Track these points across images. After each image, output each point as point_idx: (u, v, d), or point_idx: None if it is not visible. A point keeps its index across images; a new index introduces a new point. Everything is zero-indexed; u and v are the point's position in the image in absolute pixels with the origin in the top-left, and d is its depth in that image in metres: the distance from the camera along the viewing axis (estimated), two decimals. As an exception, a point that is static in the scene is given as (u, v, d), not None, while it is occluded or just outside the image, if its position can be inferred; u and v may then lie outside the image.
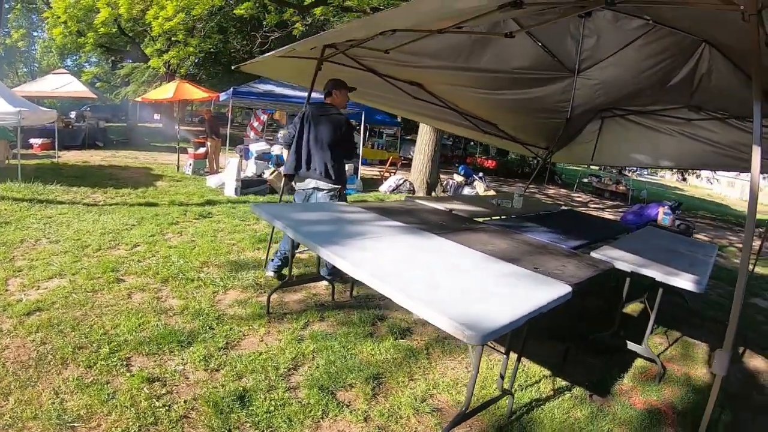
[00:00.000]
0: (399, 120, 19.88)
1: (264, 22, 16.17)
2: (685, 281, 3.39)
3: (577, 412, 3.22)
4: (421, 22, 3.58)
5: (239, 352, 3.25)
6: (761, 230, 18.46)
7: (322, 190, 4.57)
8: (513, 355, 3.00)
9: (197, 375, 2.94)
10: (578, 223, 5.78)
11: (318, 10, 13.31)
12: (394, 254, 2.79)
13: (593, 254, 3.72)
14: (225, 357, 3.16)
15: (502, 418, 3.00)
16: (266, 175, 10.38)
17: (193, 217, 6.91)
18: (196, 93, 12.90)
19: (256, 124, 17.18)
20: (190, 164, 11.79)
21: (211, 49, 21.56)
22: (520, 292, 2.41)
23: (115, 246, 5.23)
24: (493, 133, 7.07)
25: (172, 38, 16.39)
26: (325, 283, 4.60)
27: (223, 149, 13.23)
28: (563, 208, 7.48)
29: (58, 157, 11.70)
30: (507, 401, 3.01)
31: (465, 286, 2.39)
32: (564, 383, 3.56)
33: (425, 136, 12.51)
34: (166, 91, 12.96)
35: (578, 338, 4.14)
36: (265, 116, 17.97)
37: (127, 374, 2.84)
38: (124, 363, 2.96)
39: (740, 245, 13.74)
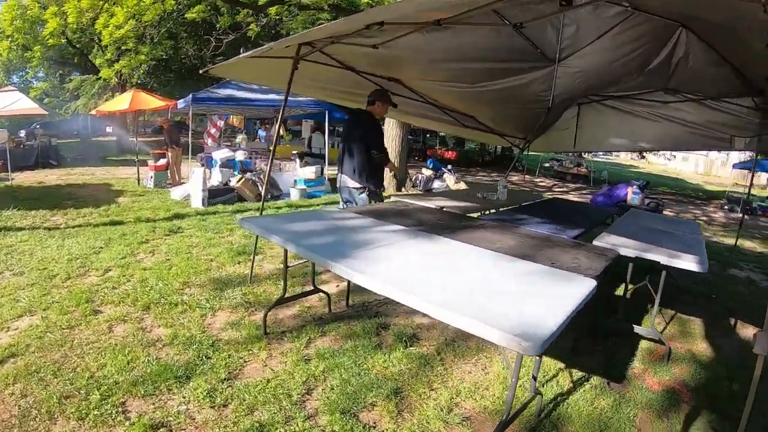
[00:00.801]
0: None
1: (217, 25, 15.66)
2: (688, 263, 3.40)
3: (600, 401, 3.18)
4: (411, 15, 3.43)
5: (245, 382, 2.99)
6: (722, 202, 19.46)
7: (353, 188, 5.00)
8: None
9: (204, 414, 2.67)
10: (566, 211, 5.81)
11: (273, 10, 12.95)
12: (409, 262, 2.63)
13: (595, 242, 3.67)
14: (230, 389, 2.90)
15: (532, 418, 2.91)
16: (233, 182, 10.04)
17: (163, 233, 6.53)
18: (152, 102, 12.35)
19: (213, 130, 16.65)
20: (152, 177, 11.27)
21: (163, 56, 20.83)
22: (551, 291, 2.31)
23: (85, 273, 4.85)
24: (472, 126, 7.00)
25: (122, 47, 15.70)
26: (317, 294, 4.38)
27: (184, 159, 12.74)
28: (548, 196, 7.46)
29: (12, 179, 10.99)
30: (536, 400, 2.92)
31: (495, 290, 2.26)
32: (579, 374, 3.50)
33: (392, 131, 12.33)
34: (121, 102, 12.32)
35: (584, 327, 4.09)
36: (222, 122, 17.46)
37: (126, 423, 2.54)
38: (120, 410, 2.65)
39: (704, 218, 14.45)
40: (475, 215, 4.86)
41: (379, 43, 4.12)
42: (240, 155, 11.83)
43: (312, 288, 4.10)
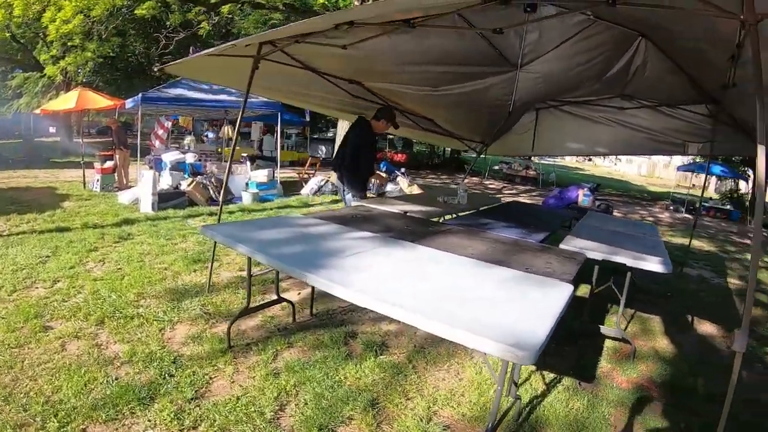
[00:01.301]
0: (307, 118, 19.47)
1: (167, 23, 15.15)
2: (653, 264, 3.51)
3: (575, 402, 3.21)
4: (384, 14, 3.36)
5: (213, 401, 2.81)
6: (667, 202, 20.37)
7: (344, 190, 5.50)
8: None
9: (173, 438, 2.50)
10: (527, 215, 5.89)
11: (226, 8, 12.66)
12: (387, 271, 2.55)
13: (562, 246, 3.71)
14: (199, 409, 2.71)
15: (512, 423, 2.90)
16: (183, 186, 9.69)
17: (112, 240, 6.18)
18: (100, 101, 11.74)
19: (160, 131, 16.04)
20: (98, 180, 10.67)
21: (110, 54, 19.97)
22: (533, 297, 2.31)
23: (32, 285, 4.49)
24: (431, 129, 6.97)
25: (69, 43, 14.97)
26: (281, 303, 4.24)
27: (132, 161, 12.22)
28: (501, 199, 7.55)
29: (-51, 183, 10.28)
30: (515, 405, 2.92)
31: (479, 298, 2.23)
32: (551, 376, 3.53)
33: (344, 134, 12.20)
34: (67, 101, 11.64)
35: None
36: (169, 123, 16.87)
37: (89, 452, 2.35)
38: (81, 437, 2.44)
39: (651, 218, 15.04)
40: (438, 220, 4.82)
41: (348, 43, 4.02)
42: (190, 158, 11.45)
43: (276, 297, 3.94)
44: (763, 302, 6.33)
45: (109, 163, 11.06)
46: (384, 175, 6.46)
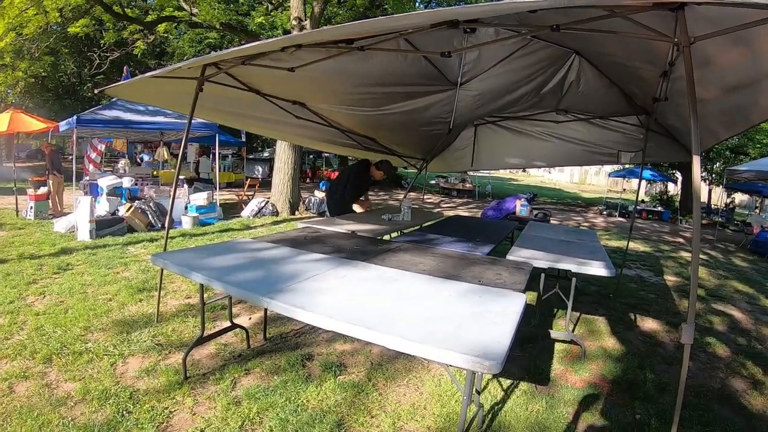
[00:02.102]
0: (243, 139, 19.23)
1: (102, 41, 14.65)
2: (597, 269, 3.73)
3: (534, 405, 3.34)
4: (333, 38, 3.43)
5: (176, 436, 2.75)
6: (601, 207, 21.36)
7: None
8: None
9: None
10: (470, 228, 6.02)
11: (162, 27, 12.37)
12: (345, 293, 2.57)
13: (509, 257, 3.86)
14: (162, 446, 2.65)
15: (476, 430, 2.98)
16: (121, 212, 9.35)
17: (51, 271, 5.89)
18: (33, 124, 11.16)
19: (93, 155, 15.42)
20: (32, 207, 10.10)
21: (42, 74, 19.06)
22: (490, 308, 2.38)
23: (-32, 323, 4.25)
24: (373, 148, 7.06)
25: (-1, 62, 14.24)
26: (234, 330, 4.16)
27: (67, 187, 11.67)
28: (437, 213, 7.71)
29: None
30: (479, 413, 2.99)
31: (438, 313, 2.29)
32: (508, 381, 3.65)
33: (284, 154, 12.16)
34: (-2, 124, 11.06)
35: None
36: (103, 146, 16.25)
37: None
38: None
39: (587, 224, 15.72)
40: (386, 237, 4.90)
41: (296, 66, 4.05)
42: (127, 182, 11.05)
43: (229, 324, 3.87)
44: (701, 296, 6.75)
45: (42, 189, 10.52)
46: (364, 202, 6.68)
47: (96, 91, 4.77)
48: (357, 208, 6.37)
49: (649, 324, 5.31)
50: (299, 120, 5.60)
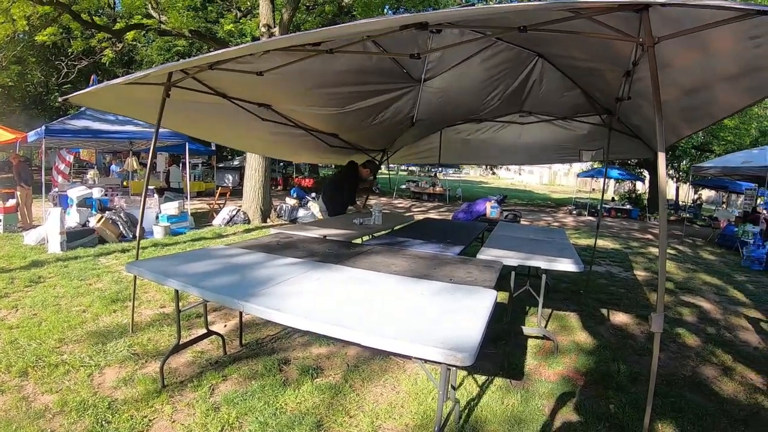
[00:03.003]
0: (213, 147, 19.08)
1: (69, 50, 14.40)
2: (566, 265, 3.85)
3: (509, 399, 3.43)
4: (306, 41, 3.48)
5: (155, 443, 2.75)
6: (570, 207, 21.76)
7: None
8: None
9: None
10: (441, 230, 6.14)
11: (131, 35, 12.23)
12: (320, 294, 2.63)
13: (480, 256, 3.97)
14: (142, 454, 2.64)
15: (454, 426, 3.04)
16: (92, 223, 9.20)
17: (23, 284, 5.78)
18: (1, 134, 10.96)
19: (62, 166, 15.12)
20: (0, 220, 9.94)
21: (9, 83, 18.62)
22: (462, 305, 2.46)
23: (-61, 340, 4.15)
24: (337, 145, 7.17)
25: (-36, 71, 13.89)
26: (210, 337, 4.16)
27: (36, 198, 11.41)
28: (418, 218, 7.80)
29: None
30: (455, 409, 3.04)
31: (412, 311, 2.36)
32: (483, 378, 3.72)
33: (254, 161, 12.12)
34: (-34, 135, 10.80)
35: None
36: (71, 156, 15.95)
37: None
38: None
39: (557, 223, 15.99)
40: (358, 241, 4.96)
41: (265, 70, 4.09)
42: (97, 192, 10.87)
43: (205, 331, 3.88)
44: (670, 289, 6.96)
45: (11, 201, 10.29)
46: (359, 204, 7.01)
47: (60, 100, 4.71)
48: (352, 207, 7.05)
49: (619, 318, 5.47)
50: (265, 122, 5.66)
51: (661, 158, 2.36)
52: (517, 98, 6.02)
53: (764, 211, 14.76)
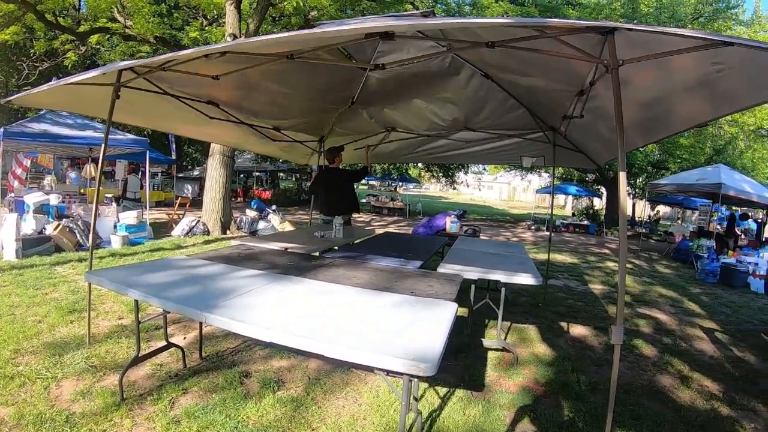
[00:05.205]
0: (173, 156, 18.81)
1: (31, 51, 14.00)
2: (525, 278, 3.98)
3: (471, 410, 3.48)
4: (269, 46, 3.51)
5: (114, 457, 2.69)
6: (529, 223, 22.22)
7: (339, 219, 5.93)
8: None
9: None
10: (401, 244, 6.25)
11: (94, 38, 11.99)
12: (281, 306, 2.64)
13: (440, 270, 4.07)
14: (100, 468, 2.58)
15: (416, 437, 3.07)
16: (49, 230, 8.95)
17: (-25, 293, 5.61)
18: None
19: (19, 171, 14.62)
20: (-47, 225, 9.56)
21: None
22: (423, 317, 2.52)
23: None
24: (278, 139, 7.29)
25: None
26: (169, 349, 4.10)
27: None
28: (379, 232, 7.86)
29: None
30: (417, 420, 3.06)
31: (374, 322, 2.40)
32: (444, 390, 3.77)
33: (215, 172, 12.02)
34: None
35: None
36: (28, 161, 15.44)
37: None
38: None
39: (516, 239, 16.30)
40: (317, 254, 4.98)
41: (221, 74, 4.10)
42: (54, 199, 10.56)
43: (165, 343, 3.82)
44: (627, 301, 7.18)
45: (-36, 207, 9.94)
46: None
47: (3, 102, 4.59)
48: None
49: (578, 330, 5.62)
50: (212, 119, 5.76)
51: (622, 177, 2.47)
52: (463, 118, 6.41)
53: (718, 227, 15.39)
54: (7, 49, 16.57)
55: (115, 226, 10.10)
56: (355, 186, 7.04)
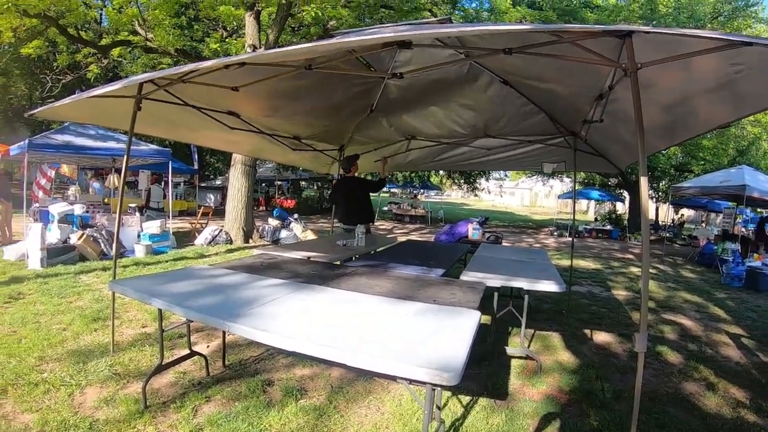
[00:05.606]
0: (196, 166, 19.02)
1: (55, 64, 14.30)
2: (548, 285, 3.92)
3: (494, 418, 3.44)
4: (288, 56, 3.53)
5: (137, 464, 2.71)
6: (551, 228, 22.01)
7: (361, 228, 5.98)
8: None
9: None
10: (423, 251, 6.22)
11: (116, 51, 12.21)
12: (305, 315, 2.64)
13: (463, 278, 4.02)
14: (125, 478, 2.60)
15: (439, 448, 3.03)
16: (73, 240, 9.10)
17: (1, 301, 5.68)
18: None
19: (43, 181, 14.93)
20: (-21, 234, 9.81)
21: None
22: (446, 325, 2.49)
23: None
24: (299, 149, 7.33)
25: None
26: (193, 357, 4.13)
27: (16, 213, 11.23)
28: (400, 240, 7.85)
29: None
30: (440, 430, 3.04)
31: (397, 331, 2.39)
32: (467, 398, 3.74)
33: (237, 182, 12.12)
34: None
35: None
36: (53, 172, 15.75)
37: None
38: None
39: (538, 245, 16.15)
40: (338, 263, 4.96)
41: (240, 85, 4.13)
42: (78, 209, 10.75)
43: (188, 351, 3.85)
44: (651, 308, 7.06)
45: (-10, 215, 10.18)
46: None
47: (26, 115, 4.68)
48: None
49: (602, 337, 5.54)
50: (233, 130, 5.80)
51: (644, 182, 2.42)
52: (482, 125, 6.36)
53: (743, 230, 15.07)
54: (31, 62, 16.94)
55: (138, 236, 10.23)
56: (371, 195, 7.06)
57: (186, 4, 13.64)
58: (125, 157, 4.68)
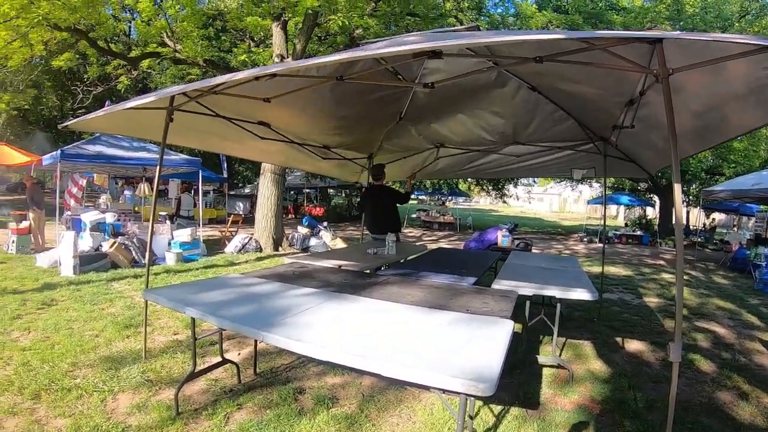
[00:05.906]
0: (225, 175, 19.27)
1: (85, 76, 14.68)
2: (580, 293, 3.85)
3: (526, 428, 3.39)
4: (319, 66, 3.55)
5: (171, 472, 2.74)
6: (581, 234, 21.72)
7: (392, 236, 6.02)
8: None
9: None
10: (454, 260, 6.18)
11: (146, 63, 12.47)
12: (337, 325, 2.64)
13: (495, 286, 4.00)
14: (159, 484, 2.62)
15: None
16: (105, 247, 9.28)
17: (35, 307, 5.84)
18: (16, 157, 11.06)
19: (75, 190, 15.26)
20: (14, 241, 10.00)
21: (25, 106, 18.95)
22: (480, 335, 2.47)
23: (-48, 360, 4.17)
24: (328, 158, 7.40)
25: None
26: (225, 365, 4.16)
27: (49, 221, 11.52)
28: (428, 247, 7.83)
29: None
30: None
31: (430, 341, 2.37)
32: (498, 407, 3.68)
33: (267, 190, 12.22)
34: (-18, 157, 10.94)
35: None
36: (84, 181, 16.12)
37: None
38: None
39: (568, 251, 15.94)
40: (368, 271, 4.96)
41: (270, 96, 4.17)
42: (110, 217, 10.97)
43: (220, 359, 3.88)
44: (684, 315, 6.89)
45: (25, 223, 10.44)
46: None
47: (60, 126, 4.78)
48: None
49: (634, 345, 5.42)
50: (263, 139, 5.87)
51: (677, 189, 2.37)
52: (511, 132, 6.33)
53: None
54: (62, 74, 17.39)
55: (169, 244, 10.40)
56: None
57: (213, 16, 13.88)
58: (158, 167, 4.76)
